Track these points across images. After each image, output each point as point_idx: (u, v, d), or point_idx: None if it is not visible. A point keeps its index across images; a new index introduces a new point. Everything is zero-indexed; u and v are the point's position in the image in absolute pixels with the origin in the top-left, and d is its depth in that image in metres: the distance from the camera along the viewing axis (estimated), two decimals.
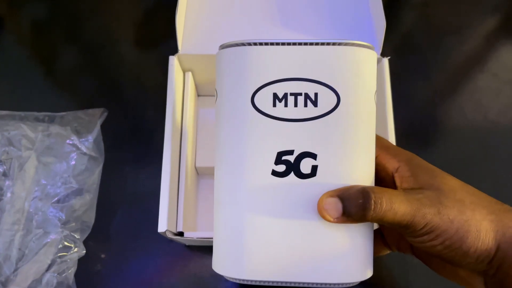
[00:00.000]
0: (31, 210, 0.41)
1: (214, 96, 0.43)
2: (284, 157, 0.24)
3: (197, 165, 0.42)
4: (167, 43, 0.52)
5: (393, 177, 0.25)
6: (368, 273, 0.25)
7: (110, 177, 0.44)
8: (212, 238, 0.33)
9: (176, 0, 0.36)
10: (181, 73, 0.40)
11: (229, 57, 0.25)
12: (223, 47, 0.25)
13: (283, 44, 0.24)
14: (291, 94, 0.24)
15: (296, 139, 0.24)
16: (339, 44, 0.23)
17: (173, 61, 0.37)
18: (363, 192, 0.22)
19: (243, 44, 0.24)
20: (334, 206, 0.23)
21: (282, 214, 0.24)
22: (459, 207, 0.22)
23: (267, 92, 0.24)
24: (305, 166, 0.24)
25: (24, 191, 0.41)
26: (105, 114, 0.47)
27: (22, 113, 0.46)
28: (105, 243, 0.41)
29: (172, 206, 0.34)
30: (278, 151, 0.24)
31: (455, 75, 0.51)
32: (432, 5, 0.55)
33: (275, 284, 0.25)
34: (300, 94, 0.24)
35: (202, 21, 0.40)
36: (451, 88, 0.50)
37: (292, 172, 0.24)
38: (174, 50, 0.38)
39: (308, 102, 0.23)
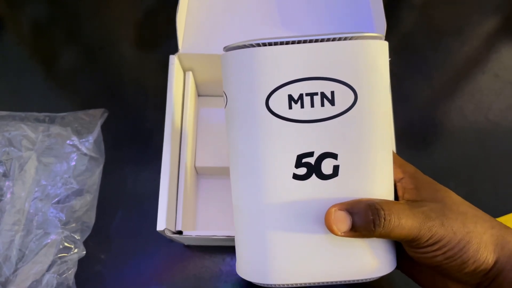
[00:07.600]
0: (31, 210, 0.41)
1: (214, 96, 0.42)
2: (304, 160, 0.23)
3: (197, 165, 0.42)
4: (167, 43, 0.52)
5: (395, 185, 0.25)
6: (393, 265, 0.25)
7: (111, 178, 0.44)
8: (211, 236, 0.33)
9: (176, 0, 0.36)
10: (182, 73, 0.40)
11: (237, 60, 0.24)
12: (228, 49, 0.24)
13: (293, 42, 0.23)
14: (307, 94, 0.23)
15: (315, 140, 0.23)
16: (351, 38, 0.22)
17: (174, 60, 0.37)
18: (372, 208, 0.22)
19: (251, 45, 0.23)
20: (344, 220, 0.22)
21: (305, 216, 0.23)
22: (462, 219, 0.23)
23: (282, 94, 0.23)
24: (326, 166, 0.23)
25: (25, 192, 0.41)
26: (106, 114, 0.47)
27: (22, 114, 0.46)
28: (105, 244, 0.41)
29: (171, 205, 0.34)
30: (298, 154, 0.23)
31: (456, 75, 0.51)
32: (432, 6, 0.55)
33: (300, 285, 0.24)
34: (316, 93, 0.23)
35: (203, 20, 0.40)
36: (451, 88, 0.50)
37: (314, 174, 0.23)
38: (174, 50, 0.37)
39: (325, 101, 0.23)
